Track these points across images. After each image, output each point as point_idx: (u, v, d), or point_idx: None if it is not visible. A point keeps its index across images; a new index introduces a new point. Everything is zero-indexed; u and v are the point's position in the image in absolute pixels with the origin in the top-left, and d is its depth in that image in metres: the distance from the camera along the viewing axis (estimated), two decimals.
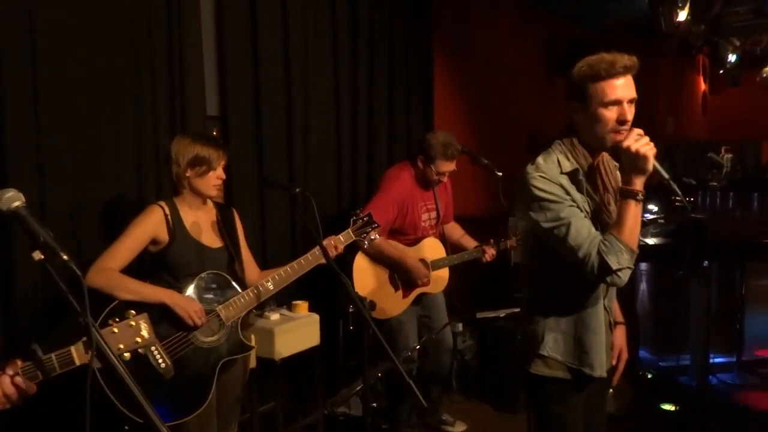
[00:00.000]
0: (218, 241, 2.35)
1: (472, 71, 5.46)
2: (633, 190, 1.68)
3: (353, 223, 2.52)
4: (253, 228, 3.23)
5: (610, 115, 1.70)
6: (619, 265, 1.66)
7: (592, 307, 1.84)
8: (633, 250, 1.69)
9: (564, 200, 1.73)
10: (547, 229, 1.73)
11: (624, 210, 1.69)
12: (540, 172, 1.75)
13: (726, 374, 4.17)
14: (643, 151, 1.65)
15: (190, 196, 2.30)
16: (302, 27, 3.59)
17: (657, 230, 4.37)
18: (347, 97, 3.97)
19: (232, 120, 3.26)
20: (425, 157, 3.19)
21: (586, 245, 1.68)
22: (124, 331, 1.42)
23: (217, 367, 2.21)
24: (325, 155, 3.82)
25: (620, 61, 1.69)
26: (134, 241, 2.18)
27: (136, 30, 2.75)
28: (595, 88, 1.69)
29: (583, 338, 1.83)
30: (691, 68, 10.96)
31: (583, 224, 1.71)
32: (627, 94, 1.70)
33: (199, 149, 2.23)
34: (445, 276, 3.47)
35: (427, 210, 3.36)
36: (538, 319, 1.86)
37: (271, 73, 3.42)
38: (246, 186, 3.30)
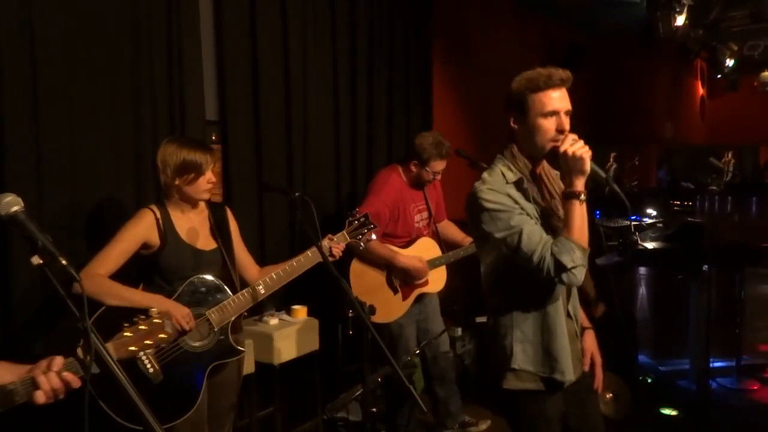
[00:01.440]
0: (211, 242, 2.34)
1: (471, 76, 5.47)
2: (575, 191, 1.75)
3: (348, 224, 2.52)
4: (252, 231, 3.23)
5: (548, 125, 1.79)
6: (573, 263, 1.71)
7: (555, 312, 1.87)
8: (584, 248, 1.74)
9: (513, 209, 1.78)
10: (500, 238, 1.77)
11: (570, 211, 1.75)
12: (486, 184, 1.82)
13: (726, 378, 4.17)
14: (579, 153, 1.73)
15: (182, 201, 2.29)
16: (301, 31, 3.60)
17: (655, 234, 4.37)
18: (346, 101, 3.98)
19: (231, 124, 3.27)
20: (419, 160, 3.21)
21: (539, 249, 1.73)
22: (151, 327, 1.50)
23: (206, 371, 2.20)
24: (324, 159, 3.82)
25: (557, 74, 1.79)
26: (124, 246, 2.17)
27: (135, 35, 2.76)
28: (534, 99, 1.79)
29: (550, 345, 1.85)
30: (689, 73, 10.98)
31: (534, 230, 1.76)
32: (564, 106, 1.80)
33: (185, 155, 2.19)
34: (443, 274, 3.47)
35: (419, 211, 3.38)
36: (505, 332, 1.88)
37: (270, 77, 3.42)
38: (245, 190, 3.30)
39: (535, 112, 1.79)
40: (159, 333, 1.51)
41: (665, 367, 4.27)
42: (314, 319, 3.21)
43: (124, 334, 1.50)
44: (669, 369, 4.24)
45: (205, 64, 3.11)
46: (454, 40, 5.25)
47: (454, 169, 4.26)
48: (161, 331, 1.52)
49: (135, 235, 2.19)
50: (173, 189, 2.25)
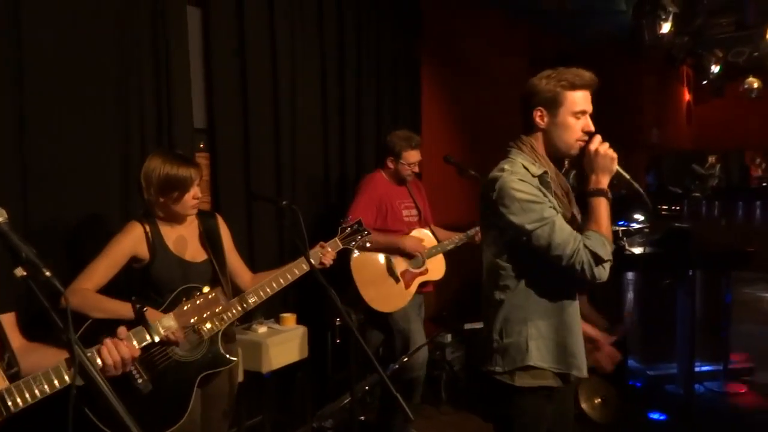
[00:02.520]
0: (201, 254, 2.31)
1: (460, 83, 5.49)
2: (602, 188, 1.80)
3: (341, 231, 2.52)
4: (241, 240, 3.20)
5: (577, 124, 1.83)
6: (607, 256, 1.74)
7: (573, 310, 1.88)
8: (612, 243, 1.78)
9: (545, 201, 1.79)
10: (531, 230, 1.76)
11: (598, 207, 1.79)
12: (516, 175, 1.81)
13: (713, 382, 4.20)
14: (609, 153, 1.79)
15: (171, 218, 2.26)
16: (290, 39, 3.60)
17: (642, 239, 4.40)
18: (335, 109, 3.98)
19: (219, 133, 3.26)
20: (393, 155, 3.36)
21: (572, 241, 1.74)
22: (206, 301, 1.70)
23: (196, 380, 2.18)
24: (313, 167, 3.82)
25: (588, 76, 1.85)
26: (112, 259, 2.14)
27: (121, 42, 2.74)
28: (567, 96, 1.83)
29: (567, 341, 1.86)
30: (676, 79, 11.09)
31: (564, 223, 1.78)
32: (589, 107, 1.86)
33: (168, 171, 2.14)
34: (441, 263, 3.55)
35: (406, 207, 3.47)
36: (519, 329, 1.85)
37: (258, 85, 3.42)
38: (233, 198, 3.29)
39: (567, 109, 1.83)
40: (215, 306, 1.67)
41: (653, 371, 4.29)
42: (303, 327, 3.20)
43: (183, 307, 1.67)
44: (657, 373, 4.26)
45: (193, 71, 3.10)
46: (442, 46, 5.28)
47: (442, 176, 4.29)
48: (217, 304, 1.68)
49: (122, 249, 2.17)
50: (157, 207, 2.22)
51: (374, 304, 3.26)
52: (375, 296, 3.27)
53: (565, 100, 1.82)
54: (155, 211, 2.23)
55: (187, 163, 2.21)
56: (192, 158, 2.29)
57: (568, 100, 1.82)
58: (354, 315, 3.29)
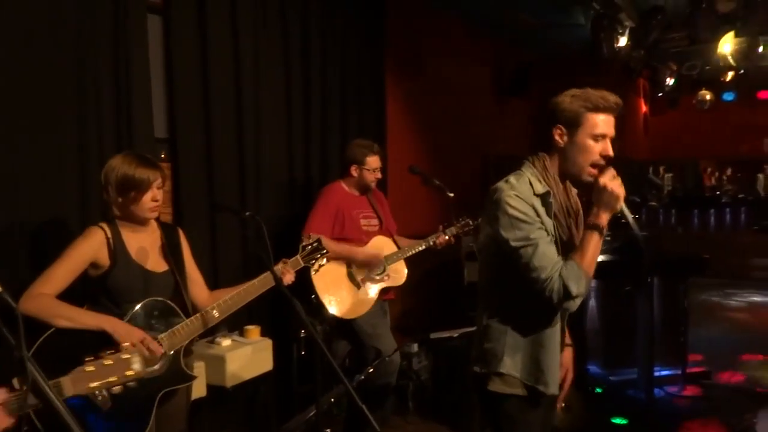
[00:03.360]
0: (163, 264, 2.26)
1: (424, 93, 5.54)
2: (599, 224, 1.77)
3: (302, 249, 2.53)
4: (204, 252, 3.16)
5: (595, 147, 1.81)
6: (578, 291, 1.74)
7: (551, 329, 1.90)
8: (590, 279, 1.78)
9: (535, 222, 1.79)
10: (514, 247, 1.77)
11: (588, 240, 1.77)
12: (515, 191, 1.81)
13: (672, 386, 4.29)
14: (617, 191, 1.75)
15: (130, 221, 2.22)
16: (253, 47, 3.58)
17: (604, 247, 4.49)
18: (299, 118, 3.96)
19: (181, 142, 3.21)
20: (356, 163, 3.42)
21: (549, 268, 1.74)
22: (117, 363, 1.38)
23: (156, 397, 2.12)
24: (277, 177, 3.79)
25: (613, 99, 1.81)
26: (71, 264, 2.08)
27: (80, 51, 2.68)
28: (589, 118, 1.80)
29: (539, 357, 1.88)
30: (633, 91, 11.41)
31: (549, 248, 1.78)
32: (611, 131, 1.83)
33: (126, 171, 2.12)
34: (402, 268, 3.57)
35: (365, 216, 3.49)
36: (498, 337, 1.89)
37: (221, 94, 3.38)
38: (196, 209, 3.24)
39: (586, 131, 1.80)
40: (126, 370, 1.38)
41: (615, 377, 4.36)
42: (268, 340, 3.16)
43: (85, 368, 1.38)
44: (619, 379, 4.34)
45: (154, 80, 3.05)
46: (407, 57, 5.32)
47: (407, 186, 4.30)
48: (128, 368, 1.39)
49: (83, 254, 2.10)
50: (117, 207, 2.18)
51: (336, 311, 3.26)
52: (336, 303, 3.27)
53: (586, 121, 1.80)
54: (115, 211, 2.18)
55: (145, 164, 2.17)
56: (153, 160, 2.24)
57: (589, 122, 1.80)
58: (319, 326, 3.27)
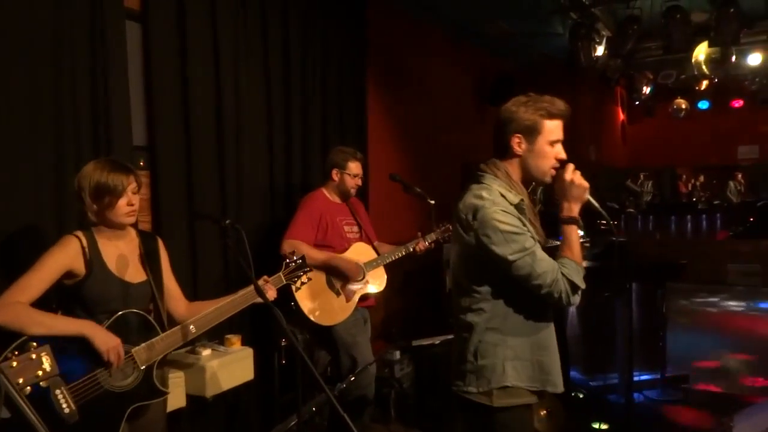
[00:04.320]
0: (141, 274, 2.22)
1: (405, 102, 5.55)
2: (574, 217, 1.86)
3: (285, 267, 2.50)
4: (184, 262, 3.12)
5: (552, 152, 1.89)
6: (582, 284, 1.81)
7: (548, 329, 1.93)
8: (583, 269, 1.84)
9: (525, 231, 1.83)
10: (513, 260, 1.79)
11: (570, 235, 1.85)
12: (498, 206, 1.84)
13: (651, 391, 4.33)
14: (582, 183, 1.85)
15: (106, 227, 2.18)
16: (233, 55, 3.55)
17: (584, 253, 4.52)
18: (280, 126, 3.94)
19: (160, 150, 3.17)
20: (338, 167, 3.45)
21: (551, 271, 1.79)
22: (24, 364, 1.34)
23: (126, 412, 2.06)
24: (258, 186, 3.76)
25: (563, 105, 1.90)
26: (46, 273, 2.03)
27: (56, 56, 2.64)
28: (546, 125, 1.87)
29: (543, 360, 1.90)
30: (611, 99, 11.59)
31: (543, 253, 1.83)
32: (562, 136, 1.91)
33: (99, 178, 2.09)
34: (382, 275, 3.57)
35: (348, 224, 3.51)
36: (494, 351, 1.88)
37: (201, 102, 3.35)
38: (175, 218, 3.20)
39: (544, 138, 1.87)
40: (37, 369, 1.35)
41: (595, 382, 4.39)
42: (249, 348, 3.12)
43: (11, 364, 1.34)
44: (599, 384, 4.36)
45: (132, 87, 3.02)
46: (389, 66, 5.33)
47: (388, 194, 4.30)
48: (38, 367, 1.35)
49: (58, 263, 2.06)
50: (92, 214, 2.14)
51: (315, 317, 3.24)
52: (315, 309, 3.25)
53: (543, 129, 1.87)
54: (91, 219, 2.15)
55: (119, 170, 2.13)
56: (127, 165, 2.20)
57: (545, 129, 1.87)
58: (300, 335, 3.25)
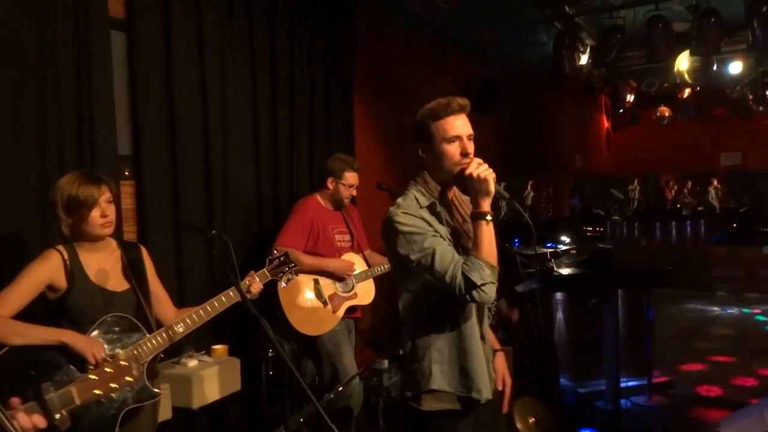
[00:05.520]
0: (124, 283, 2.22)
1: (392, 110, 5.56)
2: (482, 212, 1.83)
3: (269, 263, 2.50)
4: (169, 272, 3.10)
5: (453, 149, 1.88)
6: (482, 280, 1.77)
7: (469, 333, 1.92)
8: (494, 266, 1.81)
9: (427, 231, 1.85)
10: (415, 260, 1.82)
11: (478, 231, 1.83)
12: (401, 209, 1.88)
13: (639, 397, 4.34)
14: (483, 175, 1.82)
15: (85, 240, 2.16)
16: (220, 62, 3.55)
17: (569, 261, 4.54)
18: (267, 135, 3.94)
19: (145, 160, 3.15)
20: (334, 176, 3.41)
21: (451, 268, 1.79)
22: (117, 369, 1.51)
23: (119, 416, 2.05)
24: (244, 194, 3.75)
25: (455, 102, 1.89)
26: (26, 287, 2.03)
27: (40, 65, 2.63)
28: (437, 126, 1.88)
29: (466, 365, 1.90)
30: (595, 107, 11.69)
31: (446, 250, 1.82)
32: (465, 130, 1.90)
33: (69, 191, 2.08)
34: (371, 287, 3.55)
35: (339, 232, 3.49)
36: (422, 354, 1.91)
37: (186, 110, 3.34)
38: (161, 228, 3.18)
39: (438, 138, 1.88)
40: (126, 376, 1.47)
41: (584, 388, 4.39)
42: (235, 359, 3.10)
43: (89, 376, 1.46)
44: (587, 390, 4.37)
45: (117, 97, 3.01)
46: (375, 74, 5.34)
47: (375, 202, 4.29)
48: (128, 373, 1.48)
49: (39, 277, 2.05)
50: (68, 228, 2.13)
51: (300, 327, 3.22)
52: (301, 319, 3.23)
53: (434, 130, 1.88)
54: (68, 233, 2.14)
55: (89, 181, 2.12)
56: (99, 176, 2.18)
57: (437, 130, 1.88)
58: (287, 345, 3.22)
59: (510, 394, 2.11)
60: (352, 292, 3.43)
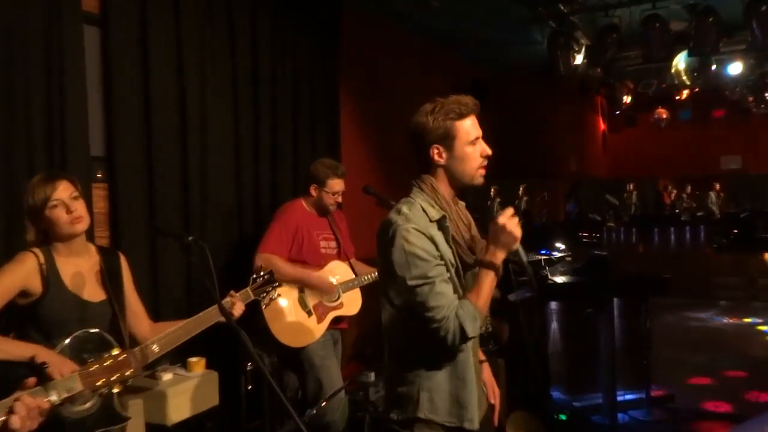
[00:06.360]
0: (100, 293, 2.19)
1: (379, 111, 5.57)
2: (495, 264, 1.80)
3: (253, 282, 2.48)
4: (143, 280, 3.06)
5: (475, 152, 1.85)
6: (473, 333, 1.75)
7: (465, 359, 1.87)
8: (483, 318, 1.80)
9: (433, 259, 1.78)
10: (411, 286, 1.76)
11: (484, 280, 1.80)
12: (412, 224, 1.80)
13: (637, 411, 4.35)
14: (515, 232, 1.78)
15: (62, 244, 2.14)
16: (199, 60, 3.54)
17: (564, 268, 4.55)
18: (249, 137, 3.92)
19: (119, 161, 3.13)
20: (317, 183, 3.37)
21: (445, 307, 1.74)
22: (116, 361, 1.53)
23: None
24: (224, 198, 3.73)
25: (469, 101, 1.86)
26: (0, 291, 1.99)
27: (8, 61, 2.60)
28: (459, 127, 1.83)
29: (459, 393, 1.85)
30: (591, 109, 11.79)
31: (446, 287, 1.77)
32: (480, 131, 1.88)
33: (32, 192, 2.07)
34: (357, 297, 3.54)
35: (325, 239, 3.46)
36: (413, 378, 1.85)
37: (163, 110, 3.33)
38: (135, 234, 3.16)
39: (462, 140, 1.83)
40: (125, 368, 1.52)
41: (579, 402, 4.39)
42: (213, 372, 3.09)
43: (90, 368, 1.49)
44: (583, 404, 4.37)
45: (90, 94, 2.99)
46: (361, 73, 5.35)
47: (361, 208, 4.29)
48: (128, 366, 1.53)
49: (12, 280, 2.01)
50: (41, 232, 2.11)
51: (283, 338, 3.20)
52: (284, 330, 3.21)
53: (458, 132, 1.83)
54: (41, 236, 2.11)
55: (45, 181, 2.10)
56: (53, 173, 2.17)
57: (461, 131, 1.83)
58: (267, 358, 3.20)
59: (499, 405, 2.08)
60: (338, 301, 3.41)
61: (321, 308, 3.35)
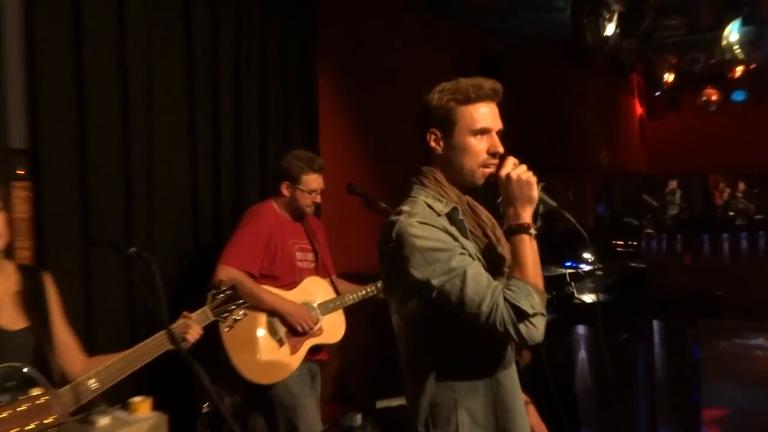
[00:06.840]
0: (20, 320, 2.20)
1: (368, 93, 5.58)
2: (523, 223, 1.79)
3: (212, 299, 2.49)
4: (75, 302, 3.06)
5: (480, 145, 1.85)
6: (533, 309, 1.72)
7: (510, 383, 1.90)
8: (542, 292, 1.77)
9: (453, 247, 1.78)
10: (438, 285, 1.75)
11: (520, 248, 1.78)
12: (416, 217, 1.80)
13: None
14: (525, 177, 1.80)
15: None
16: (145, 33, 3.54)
17: (594, 284, 4.57)
18: (206, 125, 3.94)
19: (45, 155, 3.14)
20: (290, 179, 3.38)
21: (489, 295, 1.72)
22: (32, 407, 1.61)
23: None
24: (176, 200, 3.75)
25: (487, 84, 1.86)
26: None
27: None
28: (462, 112, 1.84)
29: (508, 427, 1.86)
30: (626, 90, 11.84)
31: (480, 272, 1.77)
32: (496, 124, 1.88)
33: None
34: (340, 321, 3.55)
35: (301, 249, 3.49)
36: (448, 417, 1.84)
37: (100, 93, 3.33)
38: (64, 244, 3.16)
39: (463, 128, 1.85)
40: (45, 414, 1.56)
41: None
42: (162, 415, 3.10)
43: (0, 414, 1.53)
44: None
45: (10, 74, 3.01)
46: (345, 50, 5.36)
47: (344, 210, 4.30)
48: (47, 411, 1.57)
49: None
50: None
51: (248, 373, 3.20)
52: (250, 362, 3.22)
53: (458, 117, 1.84)
54: None
55: None
56: None
57: (463, 116, 1.84)
58: (228, 397, 3.20)
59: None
60: (317, 327, 3.41)
61: (295, 336, 3.34)
